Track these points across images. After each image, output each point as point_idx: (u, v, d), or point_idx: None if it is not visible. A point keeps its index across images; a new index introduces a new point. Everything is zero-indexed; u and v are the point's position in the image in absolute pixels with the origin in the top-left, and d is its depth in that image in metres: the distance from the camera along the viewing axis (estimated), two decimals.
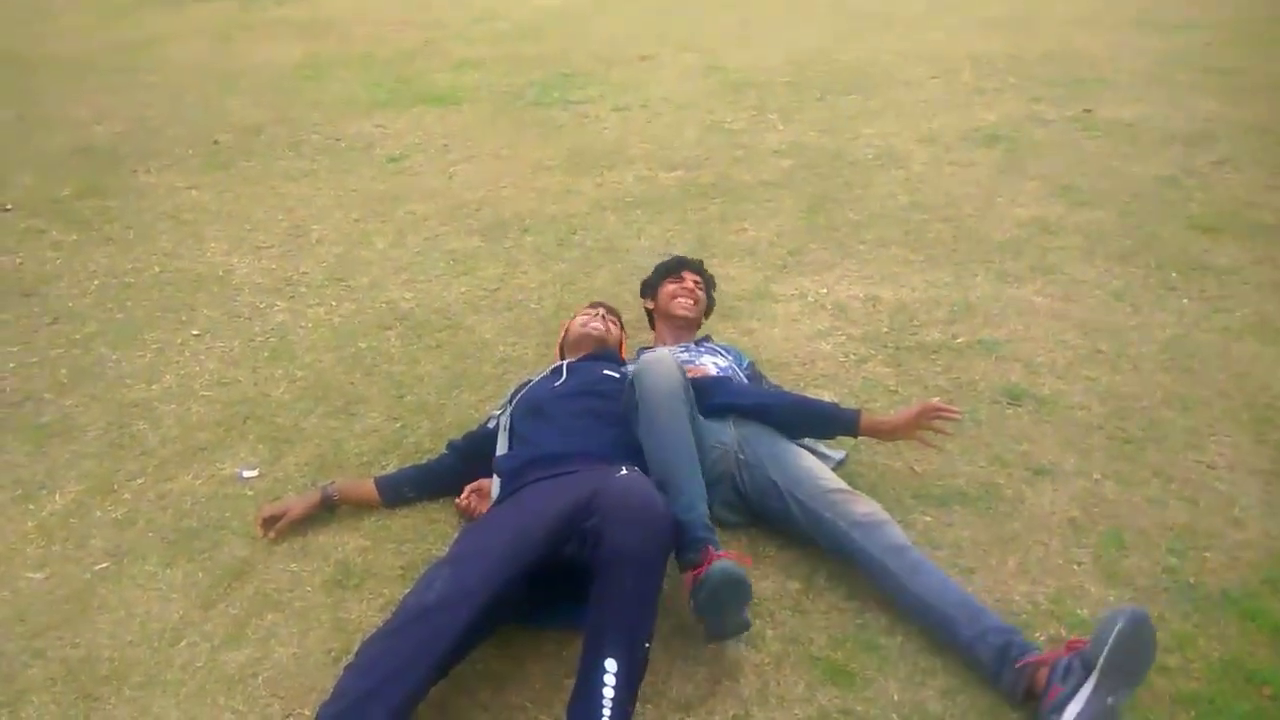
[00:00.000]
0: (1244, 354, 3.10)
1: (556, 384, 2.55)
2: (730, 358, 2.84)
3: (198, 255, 4.26)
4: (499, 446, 2.43)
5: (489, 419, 2.62)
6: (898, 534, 2.14)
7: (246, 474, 2.67)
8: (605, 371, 2.60)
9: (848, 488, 2.27)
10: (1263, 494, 2.44)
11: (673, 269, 3.16)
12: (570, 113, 6.43)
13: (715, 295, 3.21)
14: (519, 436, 2.41)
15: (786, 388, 3.02)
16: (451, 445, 2.60)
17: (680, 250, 4.12)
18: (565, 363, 2.70)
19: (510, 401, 2.59)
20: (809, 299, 3.62)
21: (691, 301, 3.02)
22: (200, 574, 2.32)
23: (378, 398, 3.04)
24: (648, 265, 3.98)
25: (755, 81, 7.00)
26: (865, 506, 2.20)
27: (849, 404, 2.92)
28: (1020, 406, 2.87)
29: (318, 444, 2.82)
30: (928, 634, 2.03)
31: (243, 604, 2.21)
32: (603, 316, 2.90)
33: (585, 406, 2.40)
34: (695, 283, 3.09)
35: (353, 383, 3.15)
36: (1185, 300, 3.46)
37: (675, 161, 5.30)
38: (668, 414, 2.09)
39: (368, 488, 2.49)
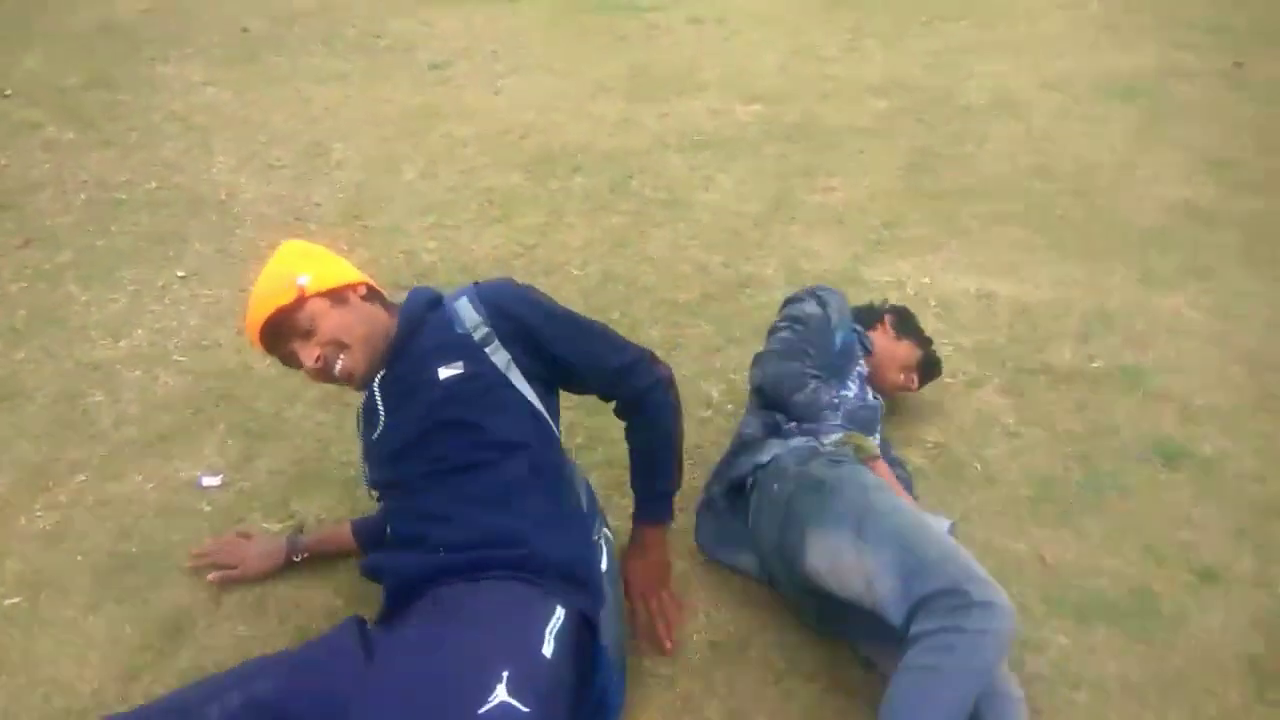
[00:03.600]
0: None
1: (375, 435, 1.66)
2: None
3: (201, 170, 3.72)
4: None
5: None
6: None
7: (207, 482, 2.18)
8: (444, 372, 1.61)
9: None
10: None
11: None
12: (638, 22, 5.69)
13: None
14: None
15: (879, 414, 2.44)
16: None
17: (752, 207, 3.50)
18: (375, 387, 1.68)
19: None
20: (908, 289, 3.00)
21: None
22: (128, 627, 1.84)
23: None
24: (714, 225, 3.39)
25: None
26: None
27: (957, 444, 2.35)
28: (1177, 472, 2.26)
29: (298, 444, 2.31)
30: None
31: (175, 678, 1.73)
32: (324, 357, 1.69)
33: (446, 461, 1.57)
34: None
35: None
36: None
37: (754, 92, 4.59)
38: None
39: (344, 536, 1.94)
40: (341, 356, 1.67)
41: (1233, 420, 2.44)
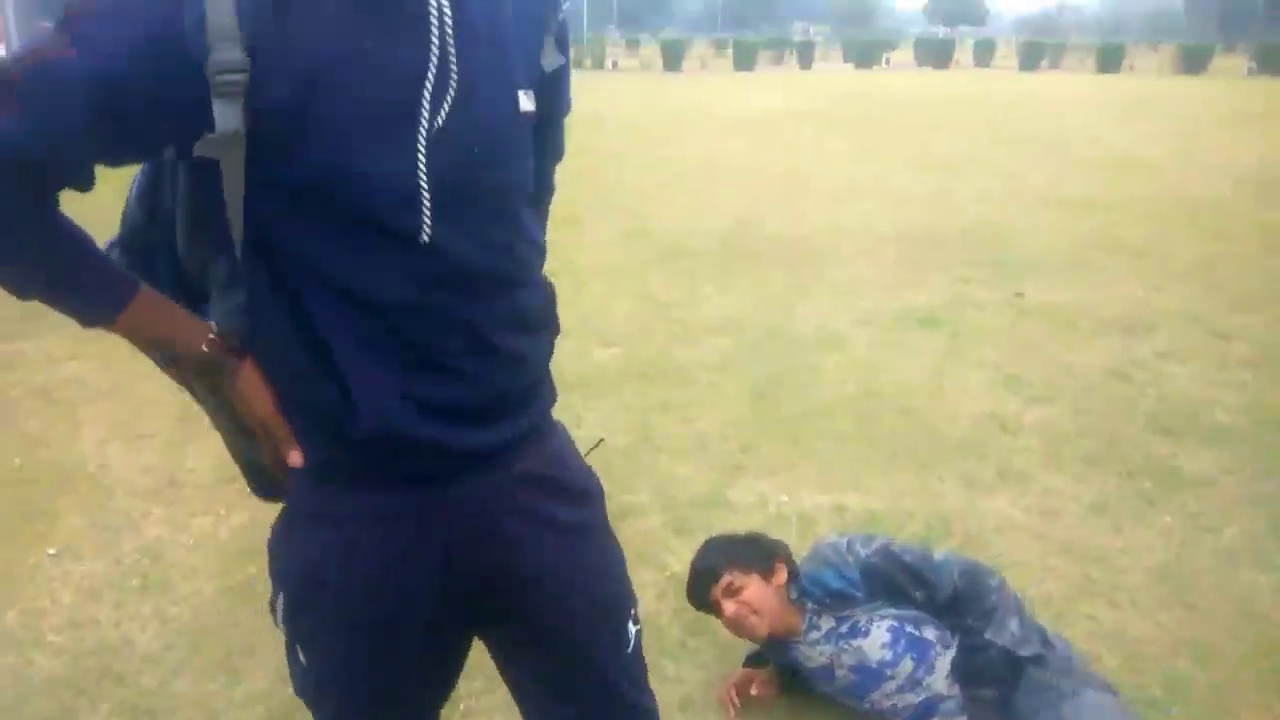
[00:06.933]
0: (1243, 585, 2.85)
1: (427, 118, 1.00)
2: (844, 573, 2.23)
3: (69, 444, 3.70)
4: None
5: None
6: None
7: None
8: (524, 102, 1.09)
9: None
10: None
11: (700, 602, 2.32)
12: None
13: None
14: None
15: None
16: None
17: (621, 440, 3.76)
18: None
19: None
20: (770, 509, 3.28)
21: (747, 617, 2.21)
22: None
23: (268, 648, 2.50)
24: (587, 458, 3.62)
25: (684, 249, 6.90)
26: None
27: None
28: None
29: (189, 716, 2.27)
30: None
31: None
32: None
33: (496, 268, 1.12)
34: (727, 590, 2.23)
35: (237, 624, 2.61)
36: (1167, 517, 3.24)
37: (609, 336, 5.01)
38: None
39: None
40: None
41: (1065, 607, 2.76)
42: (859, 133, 14.98)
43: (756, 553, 2.29)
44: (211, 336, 1.05)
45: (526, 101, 1.08)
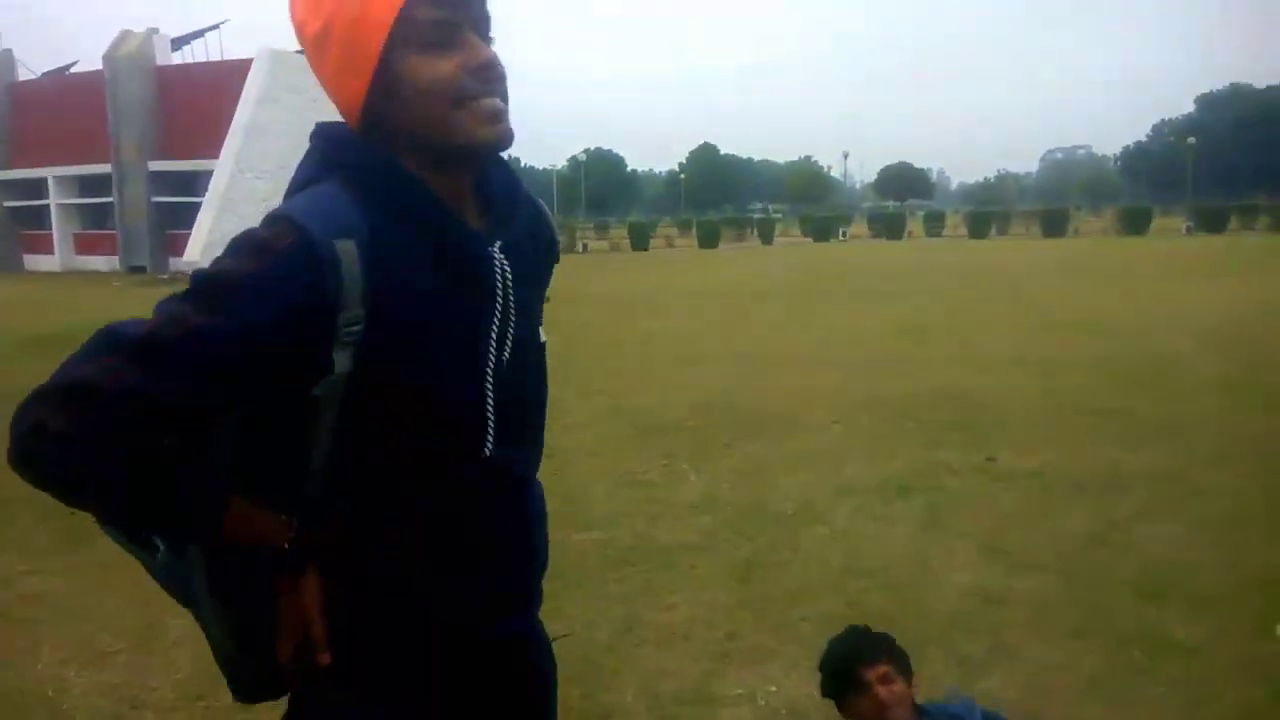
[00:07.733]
0: None
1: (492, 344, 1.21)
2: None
3: (26, 666, 3.54)
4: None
5: None
6: None
7: None
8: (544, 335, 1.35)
9: None
10: None
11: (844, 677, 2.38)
12: None
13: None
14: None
15: None
16: None
17: (602, 634, 3.67)
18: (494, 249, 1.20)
19: None
20: (759, 702, 3.17)
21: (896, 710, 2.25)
22: None
23: None
24: (568, 655, 3.50)
25: (661, 426, 6.97)
26: None
27: None
28: None
29: None
30: None
31: None
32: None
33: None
34: (883, 678, 2.29)
35: None
36: (1161, 689, 3.17)
37: (589, 520, 4.97)
38: None
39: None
40: None
41: None
42: (823, 304, 15.50)
43: (906, 660, 2.39)
44: (293, 534, 1.12)
45: (543, 334, 1.30)
